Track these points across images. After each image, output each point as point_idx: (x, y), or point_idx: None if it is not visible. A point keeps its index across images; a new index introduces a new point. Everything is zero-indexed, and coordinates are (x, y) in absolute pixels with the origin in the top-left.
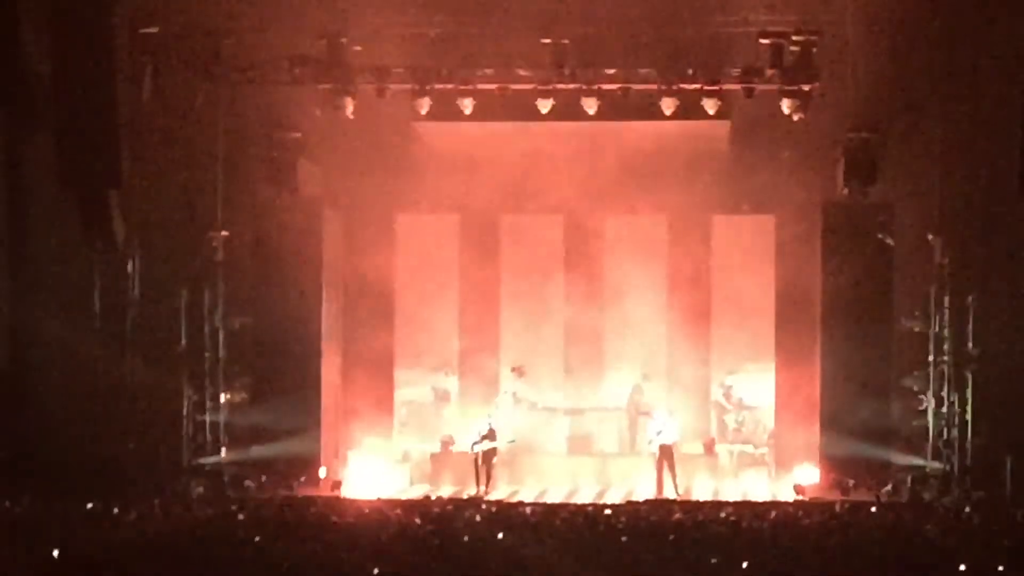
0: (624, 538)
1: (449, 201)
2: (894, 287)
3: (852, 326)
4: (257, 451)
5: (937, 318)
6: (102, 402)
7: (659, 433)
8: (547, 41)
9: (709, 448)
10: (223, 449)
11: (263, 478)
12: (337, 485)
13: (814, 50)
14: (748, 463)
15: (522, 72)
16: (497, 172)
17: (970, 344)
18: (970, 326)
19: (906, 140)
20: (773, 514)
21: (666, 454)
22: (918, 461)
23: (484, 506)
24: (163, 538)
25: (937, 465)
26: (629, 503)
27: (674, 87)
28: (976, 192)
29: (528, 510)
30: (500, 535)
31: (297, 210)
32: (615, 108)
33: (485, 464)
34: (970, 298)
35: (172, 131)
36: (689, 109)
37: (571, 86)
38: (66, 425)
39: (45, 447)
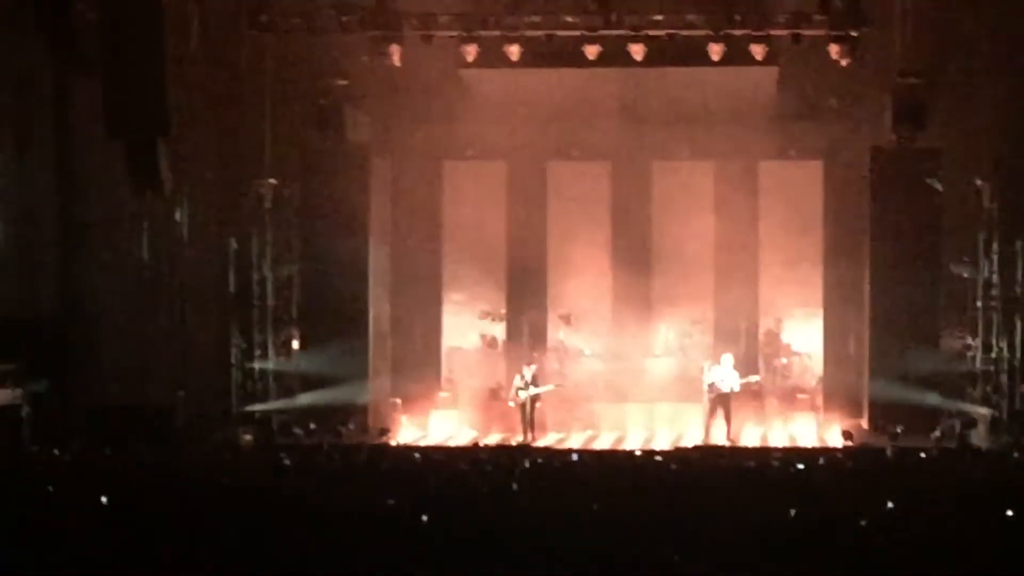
0: (673, 484)
1: (496, 148)
2: (942, 233)
3: (900, 272)
4: (306, 398)
5: (986, 263)
6: (151, 350)
7: (722, 380)
8: None
9: (757, 394)
10: (272, 397)
11: (311, 425)
12: (385, 432)
13: None
14: (796, 409)
15: (568, 18)
16: (544, 119)
17: (1018, 289)
18: (1019, 271)
19: (955, 85)
20: (822, 460)
21: (723, 401)
22: (966, 407)
23: (532, 453)
24: (211, 485)
25: (985, 411)
26: (678, 449)
27: (721, 33)
28: None
29: (576, 457)
30: (549, 482)
31: (345, 157)
32: (662, 54)
33: (532, 411)
34: (1018, 243)
35: (219, 79)
36: (736, 55)
37: (618, 32)
38: (115, 373)
39: (94, 394)
